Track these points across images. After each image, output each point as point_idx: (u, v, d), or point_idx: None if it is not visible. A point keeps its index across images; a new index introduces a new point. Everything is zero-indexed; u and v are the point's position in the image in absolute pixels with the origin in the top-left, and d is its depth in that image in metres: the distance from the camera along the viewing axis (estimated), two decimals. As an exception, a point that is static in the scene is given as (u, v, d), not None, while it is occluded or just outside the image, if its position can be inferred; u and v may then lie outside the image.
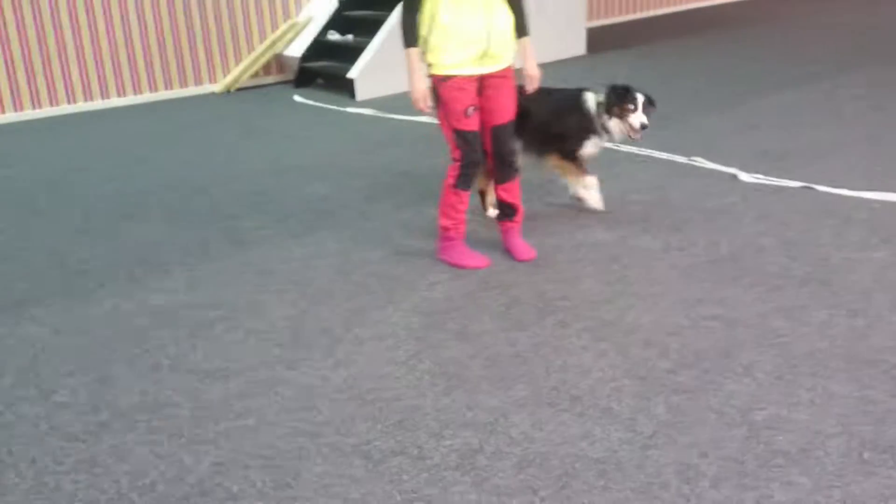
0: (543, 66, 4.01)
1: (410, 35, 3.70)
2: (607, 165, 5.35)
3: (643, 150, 5.61)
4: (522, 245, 4.06)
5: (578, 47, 9.56)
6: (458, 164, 3.82)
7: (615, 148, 5.73)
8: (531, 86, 3.86)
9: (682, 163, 5.35)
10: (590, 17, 11.82)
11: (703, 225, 4.31)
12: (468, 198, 3.92)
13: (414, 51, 3.70)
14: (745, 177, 4.96)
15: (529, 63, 3.82)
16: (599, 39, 10.35)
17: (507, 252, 4.07)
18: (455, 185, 3.86)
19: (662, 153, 5.54)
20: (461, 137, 3.77)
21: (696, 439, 2.60)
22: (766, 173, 5.00)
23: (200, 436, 2.77)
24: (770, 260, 3.84)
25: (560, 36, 9.27)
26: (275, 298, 3.76)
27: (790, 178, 4.89)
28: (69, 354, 3.34)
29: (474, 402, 2.88)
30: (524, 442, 2.65)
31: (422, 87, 3.72)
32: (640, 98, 4.30)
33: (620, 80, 4.41)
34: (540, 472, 2.50)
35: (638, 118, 4.27)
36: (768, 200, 4.59)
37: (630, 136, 4.34)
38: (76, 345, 3.42)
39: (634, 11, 12.66)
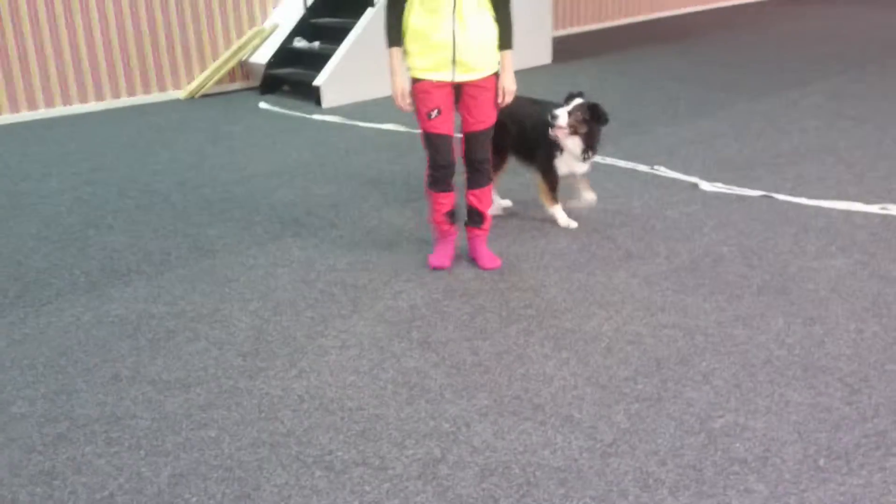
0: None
1: (392, 34, 3.76)
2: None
3: (606, 158, 5.66)
4: (487, 253, 4.08)
5: (544, 56, 9.62)
6: (427, 165, 3.91)
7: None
8: (504, 99, 3.85)
9: (644, 171, 5.41)
10: (556, 25, 11.91)
11: (664, 234, 4.36)
12: (448, 200, 3.94)
13: (395, 50, 3.76)
14: (706, 186, 5.03)
15: (505, 76, 3.81)
16: (566, 48, 10.44)
17: (472, 259, 4.09)
18: (428, 186, 3.95)
19: (625, 162, 5.60)
20: (427, 139, 3.84)
21: (656, 447, 2.63)
22: (727, 182, 5.08)
23: (159, 447, 2.74)
24: (729, 268, 3.90)
25: (525, 44, 9.32)
26: (237, 307, 3.73)
27: (751, 187, 4.96)
28: (26, 365, 3.29)
29: (437, 411, 2.89)
30: (486, 451, 2.66)
31: (400, 85, 3.77)
32: (568, 106, 4.19)
33: (579, 90, 4.43)
34: (502, 480, 2.51)
35: (555, 119, 4.16)
36: (729, 209, 4.66)
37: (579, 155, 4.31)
38: (34, 355, 3.37)
39: (602, 20, 12.77)
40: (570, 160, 4.35)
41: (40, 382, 3.16)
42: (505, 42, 3.77)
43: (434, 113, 3.77)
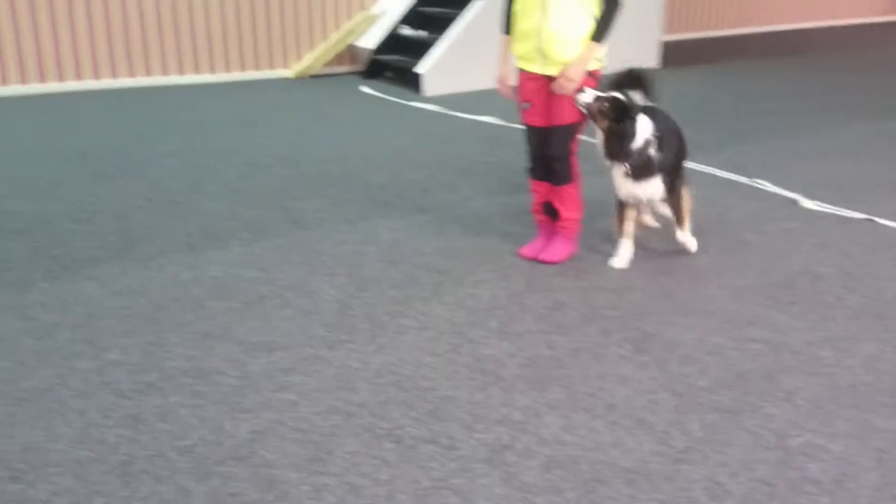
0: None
1: (503, 19, 3.91)
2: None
3: (705, 166, 5.56)
4: (553, 246, 4.06)
5: (651, 59, 9.47)
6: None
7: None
8: (562, 86, 3.69)
9: (744, 183, 5.29)
10: (669, 30, 11.70)
11: (760, 248, 4.26)
12: (541, 189, 4.01)
13: (502, 37, 3.92)
14: (806, 203, 4.88)
15: (572, 65, 3.67)
16: (678, 53, 10.24)
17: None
18: (526, 170, 4.07)
19: (726, 172, 5.48)
20: (524, 128, 3.98)
21: (728, 459, 2.59)
22: (830, 202, 4.91)
23: (242, 404, 2.85)
24: (825, 289, 3.79)
25: (633, 46, 9.21)
26: (325, 280, 3.84)
27: (854, 209, 4.79)
28: (125, 316, 3.47)
29: (509, 399, 2.91)
30: (554, 443, 2.67)
31: (499, 72, 3.94)
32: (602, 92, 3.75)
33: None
34: (568, 473, 2.52)
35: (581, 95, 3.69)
36: (829, 229, 4.51)
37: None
38: (132, 307, 3.55)
39: (718, 28, 12.47)
40: (617, 174, 3.84)
41: (136, 333, 3.33)
42: (595, 35, 3.69)
43: (526, 105, 3.88)
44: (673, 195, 3.93)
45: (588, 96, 3.68)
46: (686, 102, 7.67)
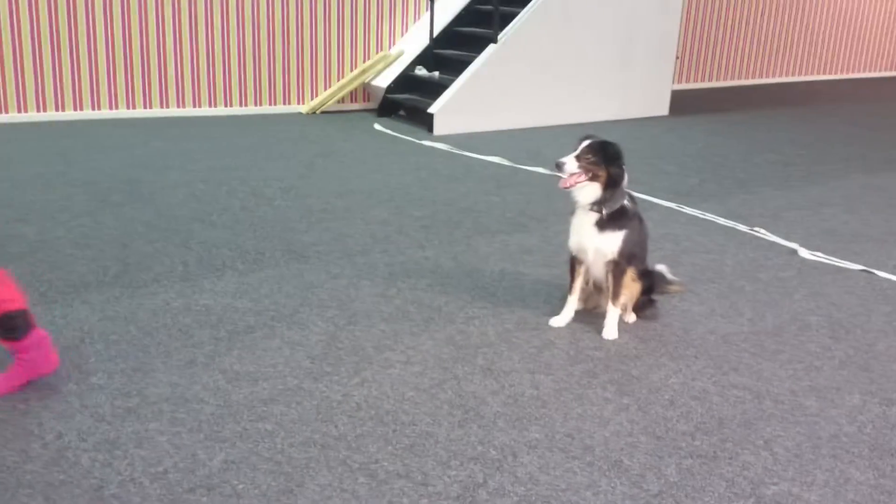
0: (626, 123, 4.03)
1: None
2: (663, 225, 5.34)
3: (707, 213, 5.57)
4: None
5: (661, 108, 9.54)
6: None
7: (677, 208, 5.72)
8: None
9: (743, 231, 5.29)
10: (680, 79, 11.80)
11: (752, 295, 4.25)
12: None
13: None
14: (804, 253, 4.87)
15: None
16: (685, 102, 10.32)
17: None
18: None
19: (725, 220, 5.49)
20: None
21: (701, 505, 2.57)
22: (828, 252, 4.90)
23: (218, 433, 2.86)
24: (813, 338, 3.76)
25: (644, 94, 9.30)
26: (316, 312, 3.86)
27: (852, 261, 4.78)
28: (113, 341, 3.50)
29: (487, 437, 2.91)
30: (528, 483, 2.66)
31: None
32: (576, 151, 3.58)
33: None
34: (537, 514, 2.50)
35: (562, 167, 3.56)
36: (824, 279, 4.50)
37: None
38: (121, 332, 3.58)
39: (727, 79, 12.57)
40: (582, 221, 3.66)
41: (122, 358, 3.36)
42: None
43: None
44: (620, 265, 3.67)
45: (570, 165, 3.53)
46: (691, 150, 7.71)
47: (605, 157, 3.54)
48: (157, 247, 4.65)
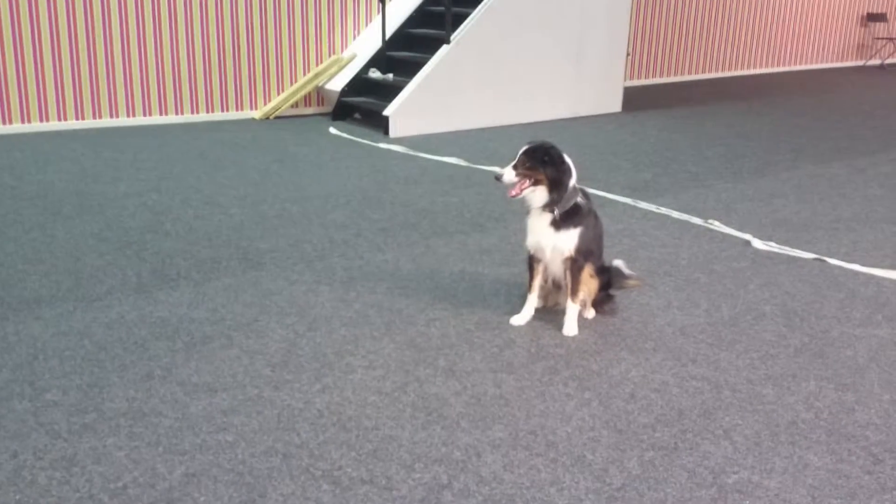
0: (579, 120, 4.06)
1: None
2: (619, 220, 5.39)
3: (661, 207, 5.63)
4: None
5: (614, 104, 9.63)
6: None
7: (632, 203, 5.78)
8: None
9: (697, 224, 5.36)
10: (631, 76, 11.94)
11: (708, 287, 4.30)
12: None
13: None
14: (758, 244, 4.95)
15: None
16: (639, 98, 10.43)
17: None
18: None
19: (680, 213, 5.56)
20: None
21: (664, 496, 2.59)
22: (780, 242, 4.99)
23: (178, 446, 2.82)
24: (768, 327, 3.83)
25: (597, 92, 9.38)
26: (275, 320, 3.82)
27: (804, 250, 4.87)
28: (67, 356, 3.43)
29: (451, 438, 2.90)
30: (493, 482, 2.66)
31: None
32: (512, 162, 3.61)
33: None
34: (502, 513, 2.51)
35: (501, 179, 3.59)
36: (778, 269, 4.57)
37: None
38: (75, 347, 3.51)
39: (678, 74, 12.74)
40: (537, 222, 3.68)
41: (76, 374, 3.29)
42: None
43: None
44: (578, 261, 3.69)
45: (508, 175, 3.55)
46: (644, 146, 7.80)
47: (539, 161, 3.53)
48: (110, 259, 4.57)
